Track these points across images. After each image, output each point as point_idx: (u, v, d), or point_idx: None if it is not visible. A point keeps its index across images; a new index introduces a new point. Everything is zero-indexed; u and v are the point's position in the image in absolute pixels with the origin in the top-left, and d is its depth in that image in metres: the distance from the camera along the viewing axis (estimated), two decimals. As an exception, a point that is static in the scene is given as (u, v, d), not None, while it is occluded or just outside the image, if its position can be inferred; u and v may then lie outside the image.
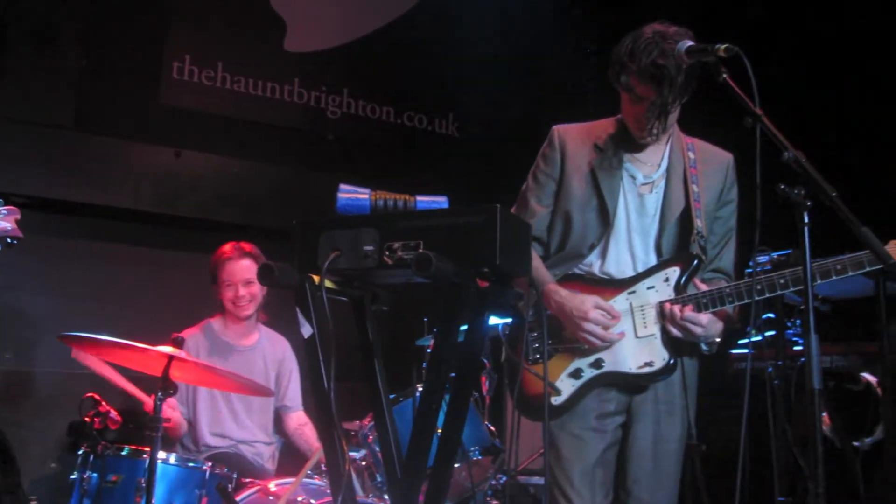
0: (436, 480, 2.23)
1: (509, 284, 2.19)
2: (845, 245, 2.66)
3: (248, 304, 4.51)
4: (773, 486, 3.95)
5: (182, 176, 5.85)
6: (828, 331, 4.33)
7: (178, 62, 5.92)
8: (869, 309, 3.96)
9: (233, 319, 4.57)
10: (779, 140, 2.32)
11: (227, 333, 4.59)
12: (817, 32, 5.93)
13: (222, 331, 4.59)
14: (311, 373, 2.29)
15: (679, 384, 2.97)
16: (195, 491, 3.72)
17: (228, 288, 4.48)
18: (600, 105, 3.18)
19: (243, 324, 4.59)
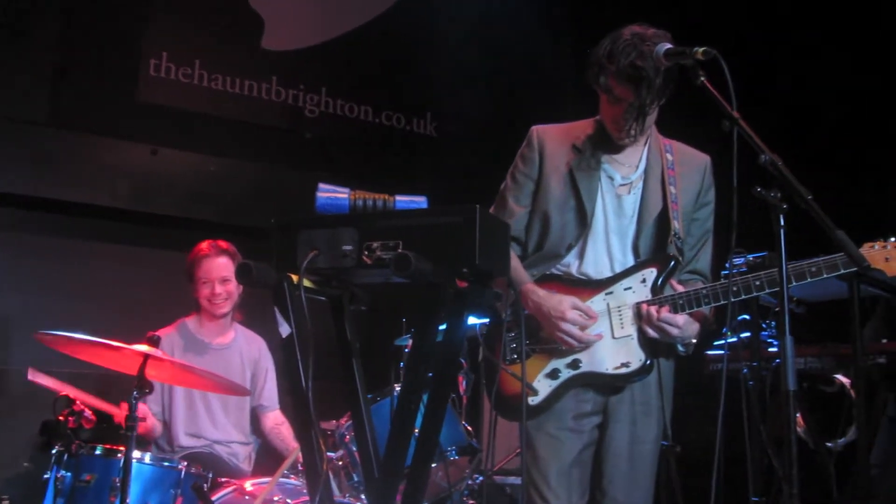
0: (413, 480, 2.23)
1: (488, 285, 2.19)
2: (821, 247, 2.69)
3: (225, 302, 4.49)
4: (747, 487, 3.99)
5: (158, 174, 5.82)
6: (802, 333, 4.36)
7: (155, 59, 5.88)
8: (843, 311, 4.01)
9: (208, 318, 4.54)
10: (755, 143, 2.34)
11: (203, 332, 4.56)
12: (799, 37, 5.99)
13: (197, 329, 4.56)
14: (288, 372, 2.29)
15: (655, 385, 2.98)
16: (170, 491, 3.69)
17: (205, 285, 4.45)
18: (579, 106, 3.19)
19: (219, 322, 4.56)
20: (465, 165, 6.54)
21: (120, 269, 5.72)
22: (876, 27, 5.67)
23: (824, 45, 5.80)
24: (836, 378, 4.56)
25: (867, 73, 5.57)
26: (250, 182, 6.07)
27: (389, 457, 2.22)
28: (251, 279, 2.20)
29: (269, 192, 6.05)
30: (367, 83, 6.68)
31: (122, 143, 5.75)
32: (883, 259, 2.84)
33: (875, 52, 5.62)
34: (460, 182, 6.16)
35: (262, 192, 6.05)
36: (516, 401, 2.91)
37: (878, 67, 5.57)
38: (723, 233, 2.68)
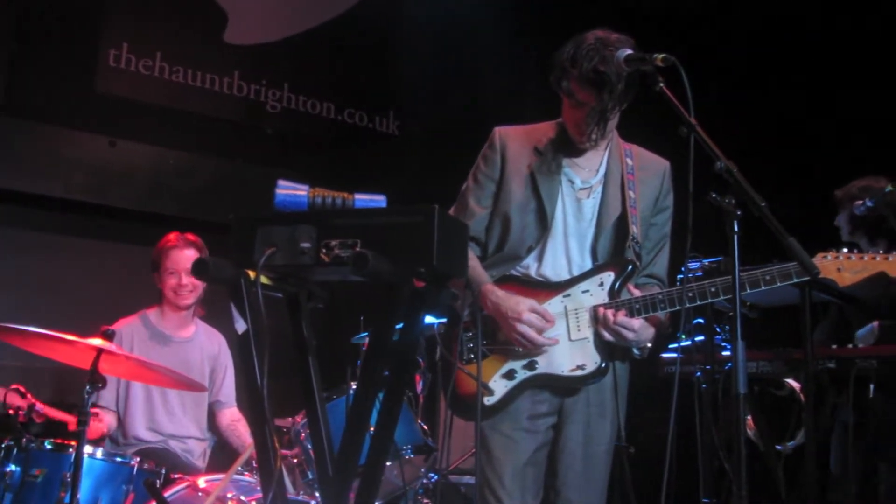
0: (367, 478, 2.23)
1: (445, 285, 2.19)
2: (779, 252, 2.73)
3: (189, 294, 4.48)
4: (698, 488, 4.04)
5: (116, 166, 5.76)
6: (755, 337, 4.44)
7: (115, 50, 5.82)
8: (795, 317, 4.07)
9: (172, 309, 4.52)
10: (711, 150, 2.37)
11: (164, 324, 4.54)
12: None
13: (159, 321, 4.54)
14: (244, 368, 2.27)
15: (610, 387, 3.01)
16: (122, 486, 3.65)
17: (171, 276, 4.43)
18: (542, 108, 3.21)
19: (181, 314, 4.54)
20: (427, 165, 6.56)
21: (75, 261, 5.65)
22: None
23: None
24: (787, 382, 4.63)
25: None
26: (210, 177, 6.03)
27: (343, 454, 2.21)
28: (208, 275, 2.18)
29: (228, 187, 6.02)
30: (331, 80, 6.67)
31: (79, 134, 5.69)
32: (835, 269, 2.89)
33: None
34: (422, 181, 6.18)
35: (222, 186, 6.01)
36: (472, 400, 2.92)
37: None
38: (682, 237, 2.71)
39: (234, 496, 3.53)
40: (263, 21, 6.47)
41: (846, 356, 4.26)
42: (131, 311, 4.57)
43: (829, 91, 5.80)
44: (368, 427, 2.20)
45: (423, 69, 6.77)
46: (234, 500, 3.49)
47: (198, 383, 3.87)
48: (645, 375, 3.72)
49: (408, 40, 6.74)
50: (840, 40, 5.77)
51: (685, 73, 2.46)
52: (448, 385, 2.98)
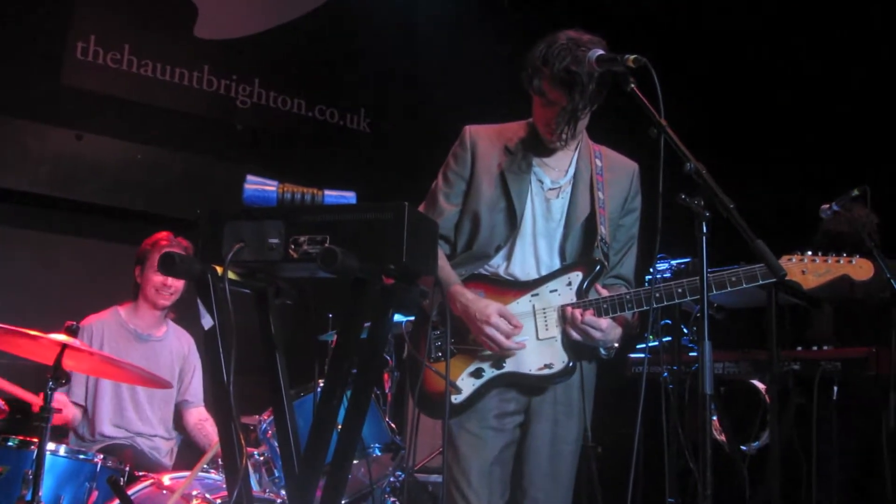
0: (333, 476, 2.22)
1: (414, 282, 2.19)
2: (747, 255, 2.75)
3: (170, 296, 4.48)
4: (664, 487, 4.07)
5: (83, 160, 5.70)
6: (721, 338, 4.48)
7: (82, 42, 5.76)
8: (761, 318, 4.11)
9: (148, 307, 4.50)
10: (681, 151, 2.38)
11: (136, 322, 4.52)
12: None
13: (131, 319, 4.52)
14: (210, 365, 2.26)
15: (577, 386, 3.02)
16: (85, 484, 3.61)
17: (157, 275, 4.39)
18: (514, 107, 3.21)
19: (155, 314, 4.53)
20: (398, 163, 6.55)
21: (40, 256, 5.59)
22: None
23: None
24: (752, 383, 4.68)
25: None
26: (178, 172, 5.98)
27: (310, 452, 2.21)
28: (174, 270, 2.16)
29: (197, 182, 5.97)
30: (302, 76, 6.64)
31: (45, 128, 5.62)
32: (800, 271, 2.93)
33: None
34: (393, 179, 6.17)
35: (190, 182, 5.96)
36: (439, 398, 2.92)
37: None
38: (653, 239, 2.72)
39: (200, 494, 3.50)
40: (234, 16, 6.42)
41: (810, 358, 4.31)
42: (97, 307, 4.53)
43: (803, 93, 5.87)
44: (335, 425, 2.19)
45: (394, 67, 6.76)
46: (200, 497, 3.46)
47: (163, 380, 3.84)
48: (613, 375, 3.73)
49: (380, 38, 6.73)
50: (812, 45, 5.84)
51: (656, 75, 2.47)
52: (415, 383, 2.98)
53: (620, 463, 2.80)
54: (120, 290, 4.56)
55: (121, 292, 4.56)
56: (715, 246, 2.38)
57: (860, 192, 4.21)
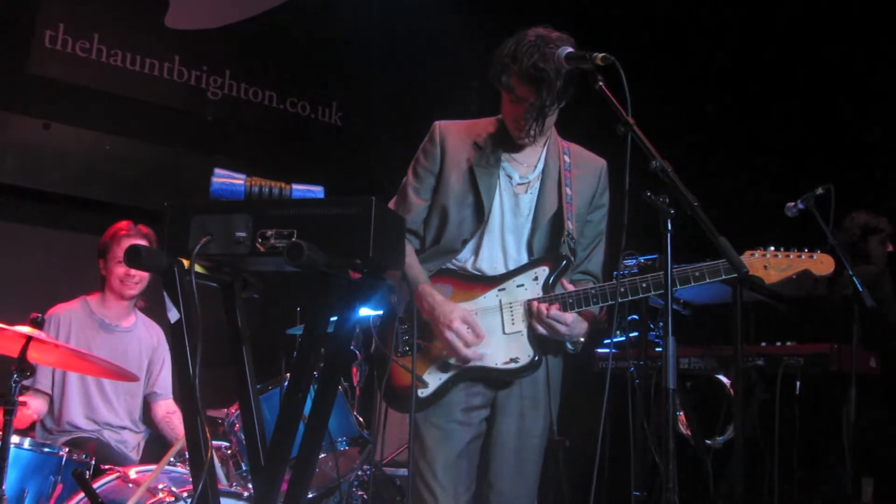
0: (299, 469, 2.23)
1: (381, 277, 2.20)
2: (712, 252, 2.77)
3: (135, 286, 4.44)
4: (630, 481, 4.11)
5: (50, 149, 5.63)
6: (688, 334, 4.54)
7: (50, 31, 5.69)
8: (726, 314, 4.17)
9: (114, 298, 4.47)
10: (647, 149, 2.41)
11: (105, 312, 4.48)
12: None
13: (99, 309, 4.48)
14: (177, 358, 2.26)
15: (543, 381, 3.04)
16: (50, 477, 3.58)
17: (119, 265, 4.36)
18: (484, 103, 3.23)
19: (123, 304, 4.50)
20: (369, 157, 6.54)
21: (5, 247, 5.52)
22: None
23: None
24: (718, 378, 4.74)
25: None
26: (147, 163, 5.93)
27: (276, 445, 2.21)
28: (140, 263, 2.16)
29: (166, 174, 5.93)
30: (274, 68, 6.61)
31: (12, 117, 5.56)
32: (762, 267, 2.96)
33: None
34: (364, 173, 6.16)
35: (159, 173, 5.92)
36: (406, 392, 2.93)
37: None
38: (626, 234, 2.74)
39: (166, 487, 3.48)
40: (206, 6, 6.38)
41: (774, 354, 4.38)
42: (63, 298, 4.50)
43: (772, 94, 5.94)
44: (302, 418, 2.20)
45: (366, 61, 6.75)
46: (166, 491, 3.45)
47: (129, 373, 3.82)
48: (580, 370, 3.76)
49: (352, 31, 6.71)
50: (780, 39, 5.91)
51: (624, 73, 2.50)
52: (383, 377, 2.99)
53: (587, 457, 2.83)
54: (87, 282, 4.53)
55: (87, 284, 4.52)
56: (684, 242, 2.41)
57: (824, 190, 4.26)
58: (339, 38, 6.69)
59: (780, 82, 5.93)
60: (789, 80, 5.90)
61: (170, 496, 3.38)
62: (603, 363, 4.77)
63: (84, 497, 3.37)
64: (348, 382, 4.31)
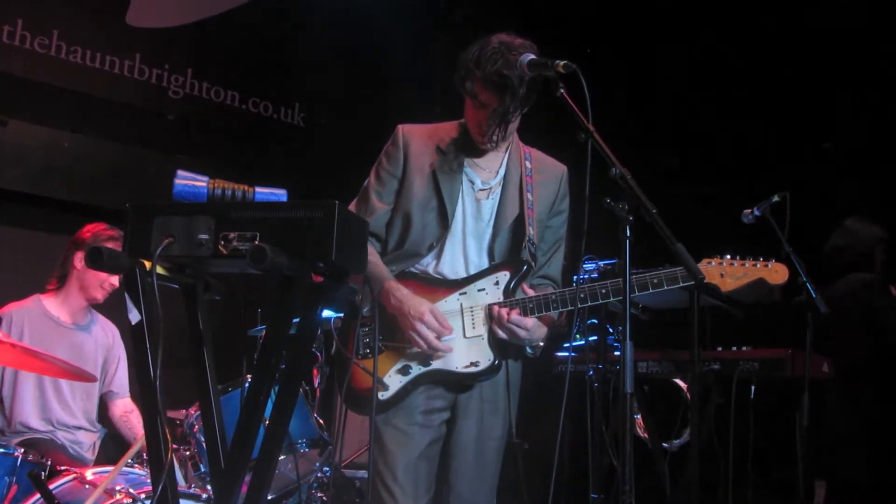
0: (259, 472, 2.23)
1: (343, 280, 2.21)
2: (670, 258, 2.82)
3: (108, 291, 4.41)
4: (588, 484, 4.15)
5: (7, 146, 5.56)
6: (645, 338, 4.59)
7: (9, 26, 5.62)
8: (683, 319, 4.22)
9: (78, 298, 4.42)
10: (608, 156, 2.45)
11: (61, 311, 4.43)
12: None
13: (55, 307, 4.43)
14: (137, 359, 2.24)
15: (503, 384, 3.07)
16: (4, 478, 3.53)
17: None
18: (447, 107, 3.25)
19: (83, 305, 4.47)
20: (331, 158, 6.53)
21: (-40, 244, 5.44)
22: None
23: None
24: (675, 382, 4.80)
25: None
26: (106, 161, 5.87)
27: (236, 447, 2.21)
28: (102, 264, 2.15)
29: (125, 172, 5.88)
30: (236, 68, 6.57)
31: (-32, 112, 5.47)
32: (718, 275, 3.02)
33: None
34: (326, 175, 6.14)
35: (119, 172, 5.87)
36: (366, 395, 2.95)
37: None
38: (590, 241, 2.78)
39: (124, 489, 3.46)
40: (167, 4, 6.33)
41: (730, 358, 4.44)
42: (20, 297, 4.43)
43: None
44: (262, 420, 2.20)
45: (330, 62, 6.74)
46: (124, 492, 3.42)
47: (87, 373, 3.78)
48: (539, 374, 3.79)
49: (316, 31, 6.70)
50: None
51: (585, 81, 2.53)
52: (343, 379, 3.00)
53: (546, 460, 2.86)
54: (43, 280, 4.47)
55: (44, 282, 4.46)
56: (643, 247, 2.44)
57: (780, 197, 4.33)
58: (303, 38, 6.68)
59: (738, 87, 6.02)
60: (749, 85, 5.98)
61: (127, 497, 3.35)
62: (562, 367, 4.80)
63: (40, 498, 3.34)
64: (309, 385, 4.31)
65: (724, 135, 6.04)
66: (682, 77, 6.20)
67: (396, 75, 6.86)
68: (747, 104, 5.97)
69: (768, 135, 5.85)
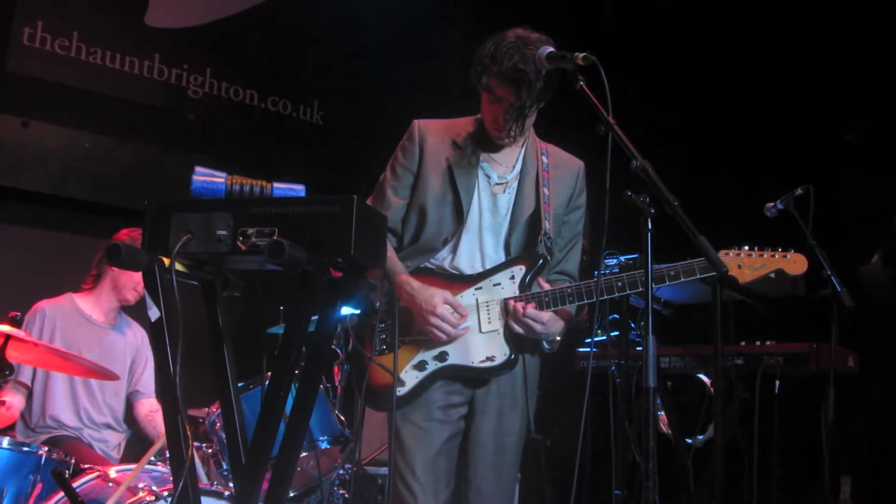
0: (280, 468, 2.23)
1: (362, 275, 2.20)
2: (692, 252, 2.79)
3: (140, 295, 4.47)
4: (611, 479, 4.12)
5: (29, 147, 5.60)
6: (668, 333, 4.56)
7: (29, 28, 5.66)
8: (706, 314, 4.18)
9: (111, 299, 4.49)
10: (628, 148, 2.42)
11: (93, 311, 4.49)
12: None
13: (87, 307, 4.49)
14: (157, 356, 2.25)
15: (521, 379, 3.05)
16: (29, 477, 3.56)
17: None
18: (464, 102, 3.23)
19: (115, 306, 4.53)
20: (350, 156, 6.53)
21: (-16, 245, 5.48)
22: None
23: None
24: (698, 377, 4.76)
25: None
26: (127, 162, 5.90)
27: (256, 444, 2.21)
28: (121, 261, 2.15)
29: (146, 172, 5.90)
30: (255, 67, 6.59)
31: (-10, 114, 5.51)
32: (736, 266, 2.99)
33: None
34: (345, 172, 6.15)
35: (140, 172, 5.89)
36: (382, 391, 2.94)
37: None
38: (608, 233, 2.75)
39: (146, 486, 3.47)
40: (186, 4, 6.35)
41: (754, 353, 4.40)
42: (43, 297, 4.47)
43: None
44: (282, 416, 2.20)
45: (347, 60, 6.74)
46: (147, 490, 3.44)
47: (110, 372, 3.81)
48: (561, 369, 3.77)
49: (333, 29, 6.70)
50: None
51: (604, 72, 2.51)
52: (361, 376, 2.99)
53: (568, 456, 2.84)
54: (66, 281, 4.50)
55: (67, 282, 4.50)
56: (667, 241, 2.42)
57: (803, 190, 4.29)
58: (321, 37, 6.68)
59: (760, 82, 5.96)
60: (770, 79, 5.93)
61: (150, 495, 3.37)
62: (584, 362, 4.78)
63: (64, 496, 3.36)
64: (330, 382, 4.31)
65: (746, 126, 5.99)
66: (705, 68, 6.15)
67: (413, 71, 6.85)
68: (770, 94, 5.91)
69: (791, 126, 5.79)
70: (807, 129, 5.71)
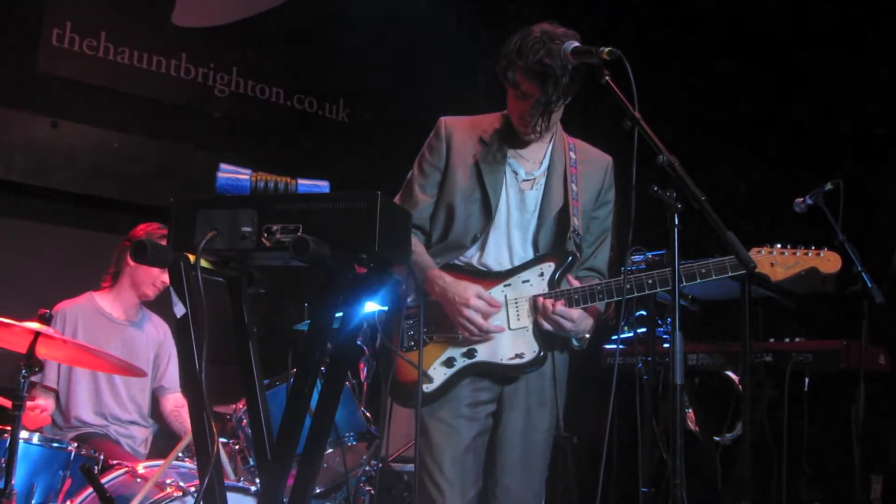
0: (305, 464, 2.23)
1: (387, 271, 2.20)
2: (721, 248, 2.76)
3: (159, 290, 4.48)
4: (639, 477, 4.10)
5: (58, 147, 5.65)
6: (695, 330, 4.52)
7: (58, 29, 5.71)
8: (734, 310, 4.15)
9: (130, 295, 4.50)
10: (655, 143, 2.40)
11: (113, 309, 4.51)
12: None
13: (108, 305, 4.51)
14: (183, 353, 2.26)
15: (550, 376, 3.04)
16: (59, 472, 3.59)
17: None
18: (490, 99, 3.22)
19: (135, 303, 4.54)
20: (376, 153, 6.54)
21: (15, 244, 5.54)
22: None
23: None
24: (726, 374, 4.72)
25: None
26: (155, 160, 5.95)
27: (282, 440, 2.22)
28: (146, 258, 2.16)
29: (173, 171, 5.94)
30: (280, 65, 6.61)
31: (20, 115, 5.58)
32: (769, 264, 2.95)
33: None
34: (371, 170, 6.16)
35: (167, 170, 5.93)
36: (410, 387, 2.94)
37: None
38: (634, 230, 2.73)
39: (174, 482, 3.49)
40: (213, 3, 6.38)
41: (783, 350, 4.35)
42: (71, 295, 4.51)
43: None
44: (308, 413, 2.20)
45: (373, 57, 6.74)
46: (174, 486, 3.46)
47: (138, 369, 3.83)
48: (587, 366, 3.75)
49: (359, 27, 6.71)
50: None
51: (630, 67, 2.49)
52: (388, 372, 2.99)
53: (595, 453, 2.82)
54: (94, 279, 4.53)
55: (94, 280, 4.53)
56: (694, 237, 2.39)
57: (833, 185, 4.24)
58: (346, 34, 6.69)
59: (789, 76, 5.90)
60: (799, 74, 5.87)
61: (177, 491, 3.39)
62: (611, 359, 4.75)
63: (92, 492, 3.39)
64: (356, 378, 4.31)
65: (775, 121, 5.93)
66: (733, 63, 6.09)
67: (439, 68, 6.84)
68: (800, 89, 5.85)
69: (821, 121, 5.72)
70: (837, 123, 5.64)
